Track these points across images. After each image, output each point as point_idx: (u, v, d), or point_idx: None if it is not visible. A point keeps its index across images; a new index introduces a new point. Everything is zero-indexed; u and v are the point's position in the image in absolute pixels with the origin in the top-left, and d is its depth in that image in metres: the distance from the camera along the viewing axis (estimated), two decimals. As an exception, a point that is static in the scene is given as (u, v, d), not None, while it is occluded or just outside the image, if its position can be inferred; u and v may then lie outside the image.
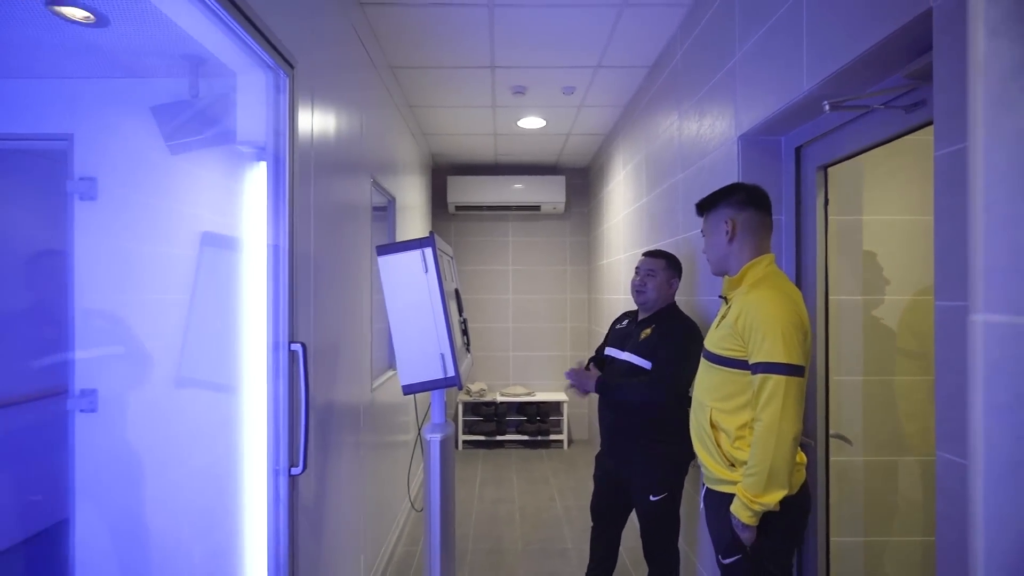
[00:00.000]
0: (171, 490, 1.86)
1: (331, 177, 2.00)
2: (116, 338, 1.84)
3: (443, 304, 1.74)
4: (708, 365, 1.47)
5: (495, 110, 3.51)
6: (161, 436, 1.84)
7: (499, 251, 5.10)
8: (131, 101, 1.76)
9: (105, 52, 1.57)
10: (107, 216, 1.81)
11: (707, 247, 1.54)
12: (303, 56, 1.66)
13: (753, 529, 1.30)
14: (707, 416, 1.43)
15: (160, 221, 1.81)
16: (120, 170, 1.80)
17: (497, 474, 4.17)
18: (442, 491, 1.98)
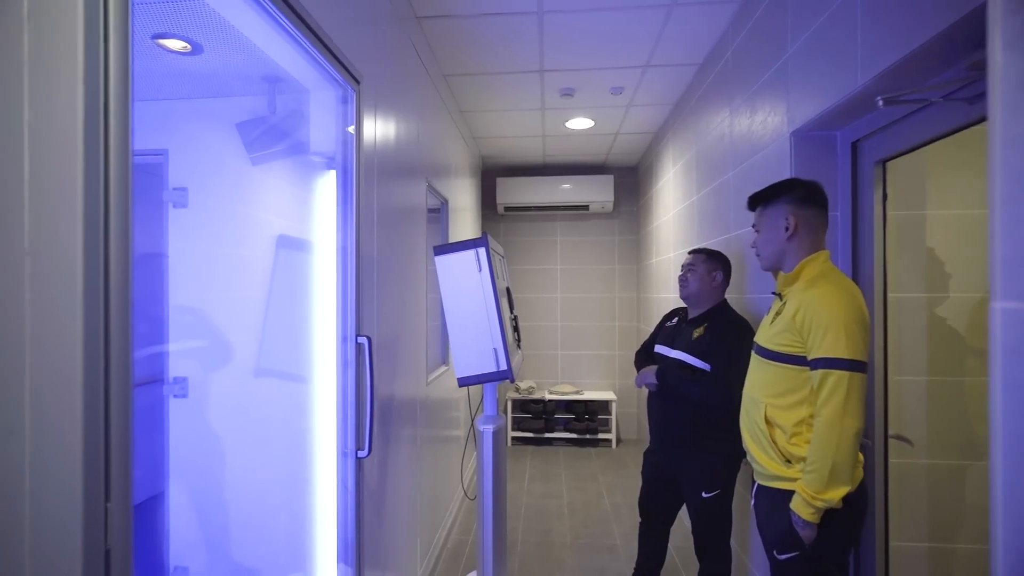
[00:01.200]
0: (250, 470, 2.05)
1: (391, 182, 2.13)
2: (202, 332, 2.05)
3: (496, 301, 1.83)
4: (761, 361, 1.47)
5: (544, 112, 3.57)
6: (242, 421, 2.03)
7: (547, 250, 5.16)
8: (217, 118, 1.96)
9: (197, 76, 1.76)
10: (196, 222, 2.01)
11: (761, 242, 1.53)
12: (367, 71, 1.79)
13: (814, 526, 1.30)
14: (761, 412, 1.43)
15: (240, 226, 2.00)
16: (207, 180, 2.00)
17: (545, 470, 4.23)
18: (495, 478, 2.07)
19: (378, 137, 1.96)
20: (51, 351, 0.64)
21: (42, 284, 0.63)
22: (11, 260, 0.60)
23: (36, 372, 0.62)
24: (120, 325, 0.75)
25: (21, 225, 0.61)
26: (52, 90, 0.64)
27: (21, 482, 0.61)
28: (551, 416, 4.93)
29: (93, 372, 0.69)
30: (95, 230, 0.70)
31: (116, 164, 0.75)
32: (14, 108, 0.60)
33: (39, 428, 0.62)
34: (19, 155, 0.61)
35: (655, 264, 4.14)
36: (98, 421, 0.70)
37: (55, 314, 0.64)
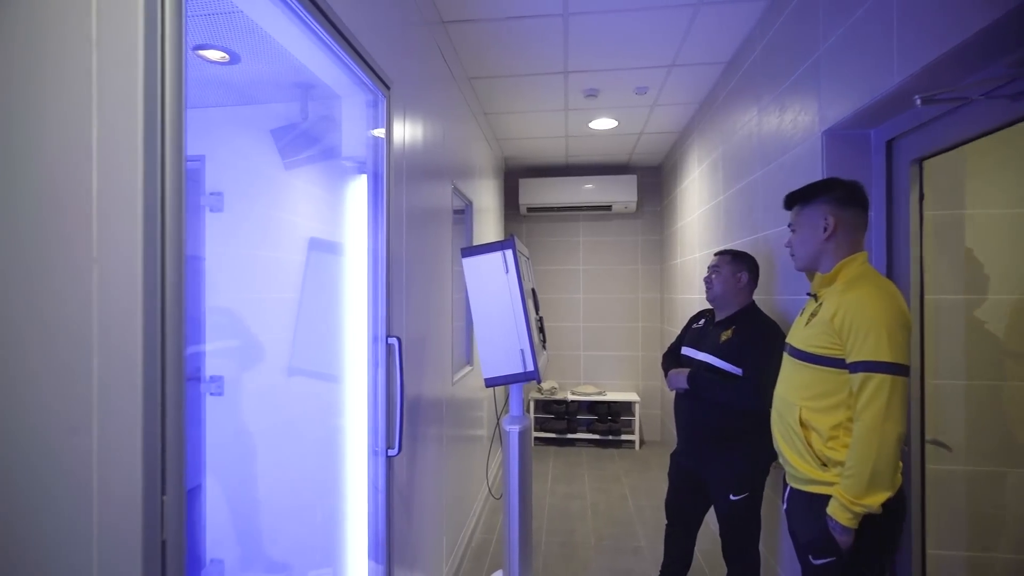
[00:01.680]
0: (282, 467, 2.10)
1: (419, 184, 2.17)
2: (236, 332, 2.11)
3: (523, 303, 1.84)
4: (796, 363, 1.45)
5: (567, 113, 3.58)
6: (275, 419, 2.08)
7: (570, 251, 5.16)
8: (252, 125, 2.02)
9: (233, 84, 1.82)
10: (230, 225, 2.07)
11: (796, 242, 1.51)
12: (396, 76, 1.82)
13: (852, 532, 1.28)
14: (796, 415, 1.41)
15: (273, 229, 2.06)
16: (241, 185, 2.06)
17: (568, 471, 4.23)
18: (520, 478, 2.08)
19: (407, 140, 2.00)
20: (114, 353, 0.67)
21: (107, 290, 0.66)
22: (80, 268, 0.64)
23: (102, 372, 0.66)
24: (174, 328, 0.79)
25: (89, 235, 0.64)
26: (117, 107, 0.68)
27: (88, 477, 0.64)
28: (573, 417, 4.93)
29: (151, 372, 0.73)
30: (153, 237, 0.73)
31: (171, 175, 0.78)
32: (84, 126, 0.64)
33: (103, 425, 0.66)
34: (88, 169, 0.64)
35: (679, 265, 4.10)
36: (155, 418, 0.74)
37: (118, 318, 0.68)
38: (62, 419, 0.62)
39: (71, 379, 0.64)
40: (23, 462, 0.59)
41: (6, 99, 0.59)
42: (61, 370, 0.63)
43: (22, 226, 0.59)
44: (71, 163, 0.64)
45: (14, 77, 0.59)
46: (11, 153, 0.59)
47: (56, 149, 0.63)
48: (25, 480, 0.60)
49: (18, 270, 0.59)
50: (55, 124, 0.63)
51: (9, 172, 0.59)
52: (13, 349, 0.59)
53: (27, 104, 0.61)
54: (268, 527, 2.15)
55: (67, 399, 0.63)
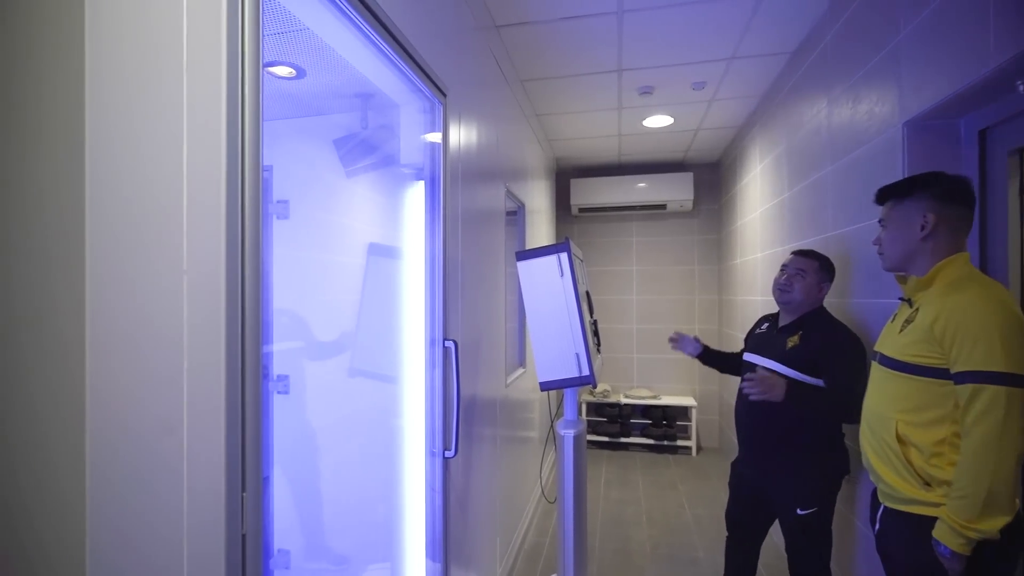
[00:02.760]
0: (343, 464, 2.18)
1: (473, 188, 2.19)
2: (299, 333, 2.21)
3: (578, 307, 1.82)
4: (889, 373, 1.34)
5: (620, 112, 3.51)
6: (337, 417, 2.17)
7: (623, 251, 5.07)
8: (315, 135, 2.11)
9: (299, 97, 1.90)
10: (295, 231, 2.17)
11: (887, 240, 1.39)
12: (452, 82, 1.85)
13: (963, 559, 1.16)
14: (891, 429, 1.30)
15: (335, 234, 2.14)
16: (306, 193, 2.16)
17: (622, 476, 4.15)
18: (575, 483, 2.06)
19: (461, 145, 2.02)
20: (202, 358, 0.72)
21: (195, 300, 0.71)
22: (173, 280, 0.68)
23: (191, 376, 0.70)
24: (253, 333, 0.83)
25: (180, 248, 0.69)
26: (204, 128, 0.72)
27: (180, 474, 0.69)
28: (627, 421, 4.83)
29: (233, 375, 0.77)
30: (234, 248, 0.78)
31: (249, 189, 0.82)
32: (176, 145, 0.69)
33: (192, 425, 0.70)
34: (179, 187, 0.69)
35: (739, 265, 3.94)
36: (236, 419, 0.78)
37: (205, 326, 0.72)
38: (161, 420, 0.67)
39: (168, 382, 0.68)
40: (126, 461, 0.64)
41: (113, 125, 0.64)
42: (159, 374, 0.67)
43: (122, 239, 0.64)
44: (165, 181, 0.68)
45: (120, 102, 0.64)
46: (113, 172, 0.64)
47: (151, 168, 0.67)
48: (126, 477, 0.64)
49: (120, 284, 0.64)
50: (152, 144, 0.67)
51: (112, 190, 0.64)
52: (117, 356, 0.64)
53: (127, 126, 0.65)
54: (331, 521, 2.23)
55: (164, 401, 0.67)
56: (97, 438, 0.61)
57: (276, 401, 2.23)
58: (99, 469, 0.62)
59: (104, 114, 0.64)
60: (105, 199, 0.63)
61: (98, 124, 0.63)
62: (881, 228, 1.41)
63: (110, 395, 0.63)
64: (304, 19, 1.35)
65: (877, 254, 1.44)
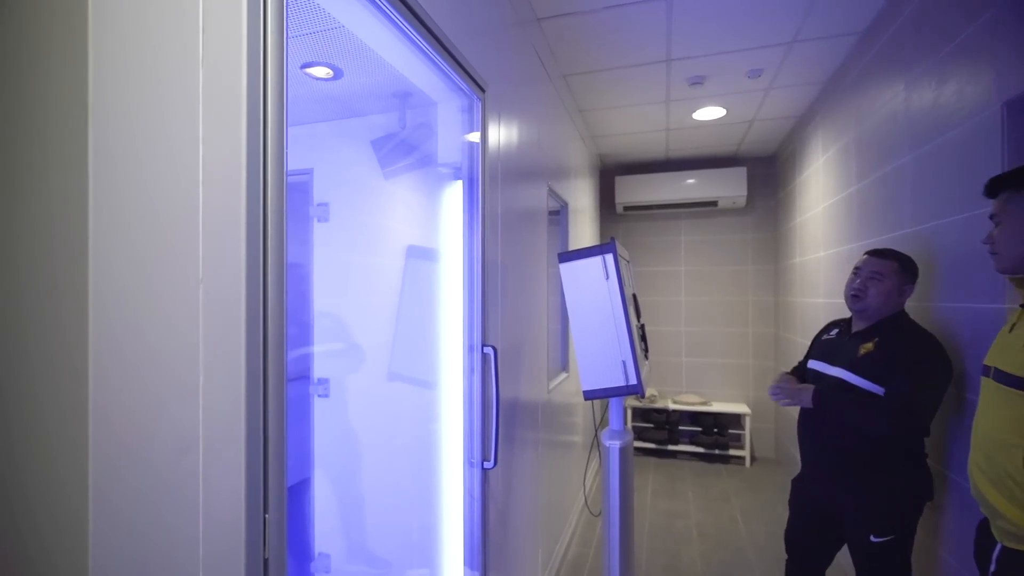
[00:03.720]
0: (382, 468, 2.16)
1: (514, 187, 2.11)
2: (340, 336, 2.20)
3: (624, 311, 1.71)
4: (1008, 392, 1.16)
5: (668, 105, 3.35)
6: (376, 421, 2.14)
7: (671, 251, 4.87)
8: (354, 137, 2.09)
9: (337, 99, 1.88)
10: (335, 234, 2.16)
11: (1004, 237, 1.21)
12: (491, 78, 1.78)
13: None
14: (1017, 459, 1.13)
15: (374, 236, 2.11)
16: (345, 195, 2.14)
17: (670, 485, 3.98)
18: (622, 498, 1.95)
19: (501, 143, 1.95)
20: (219, 372, 0.67)
21: (212, 311, 0.66)
22: (187, 290, 0.64)
23: (207, 393, 0.65)
24: (276, 348, 0.78)
25: (196, 256, 0.64)
26: (222, 127, 0.67)
27: (196, 495, 0.64)
28: (675, 427, 4.64)
29: (253, 393, 0.72)
30: (255, 257, 0.73)
31: (273, 195, 0.78)
32: (190, 150, 0.64)
33: (208, 445, 0.66)
34: (194, 192, 0.64)
35: (799, 264, 3.69)
36: (258, 438, 0.74)
37: (223, 338, 0.68)
38: (175, 440, 0.62)
39: (182, 400, 0.64)
40: (134, 485, 0.60)
41: (119, 124, 0.60)
42: (172, 391, 0.63)
43: (128, 246, 0.60)
44: (178, 185, 0.64)
45: (120, 99, 0.60)
46: (119, 176, 0.60)
47: (163, 172, 0.63)
48: (135, 502, 0.60)
49: (126, 294, 0.59)
50: (162, 145, 0.63)
51: (116, 194, 0.60)
52: (124, 372, 0.60)
53: (134, 125, 0.61)
54: (371, 523, 2.21)
55: (178, 420, 0.63)
56: (102, 460, 0.57)
57: (316, 404, 2.23)
58: (104, 493, 0.58)
59: (109, 113, 0.59)
60: (110, 203, 0.59)
61: (103, 123, 0.59)
62: (994, 224, 1.23)
63: (117, 414, 0.59)
64: (340, 18, 1.31)
65: (989, 254, 1.25)
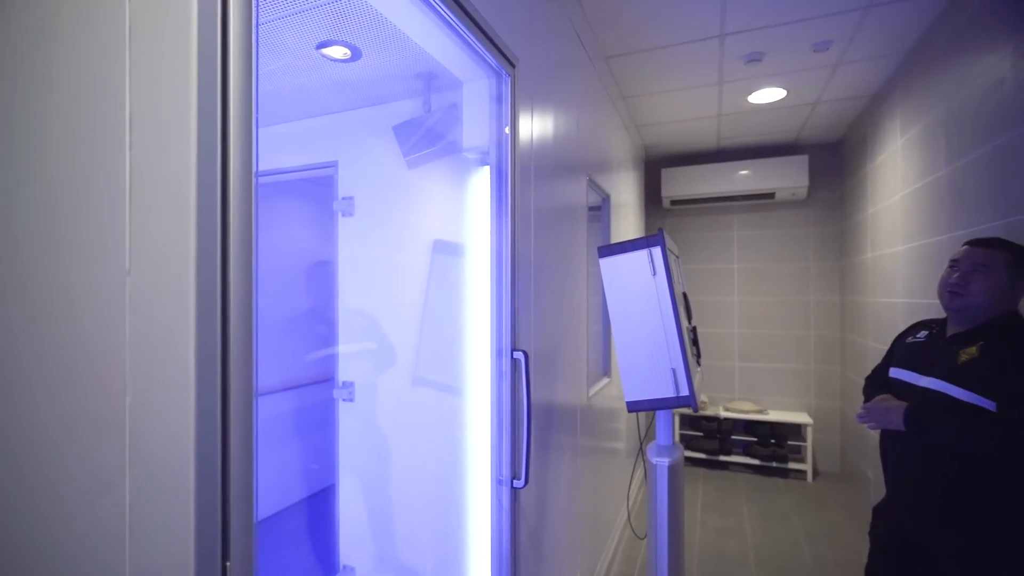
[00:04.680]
0: (407, 477, 2.02)
1: (549, 178, 1.93)
2: (365, 337, 2.08)
3: (674, 312, 1.50)
4: None
5: (721, 87, 3.07)
6: (401, 428, 2.01)
7: (722, 247, 4.54)
8: (378, 126, 1.96)
9: (357, 84, 1.76)
10: (360, 229, 2.05)
11: None
12: (523, 56, 1.60)
13: None
14: None
15: (399, 231, 1.98)
16: (370, 188, 2.02)
17: (722, 500, 3.68)
18: (671, 522, 1.73)
19: (535, 130, 1.77)
20: (155, 392, 0.53)
21: (145, 311, 0.52)
22: (108, 283, 0.49)
23: (137, 417, 0.51)
24: (241, 356, 0.63)
25: (122, 241, 0.50)
26: (156, 91, 0.53)
27: (118, 550, 0.50)
28: (726, 437, 4.32)
29: (207, 416, 0.57)
30: (209, 242, 0.58)
31: (238, 162, 0.63)
32: (112, 91, 0.50)
33: (138, 485, 0.52)
34: (120, 156, 0.50)
35: (871, 260, 3.32)
36: (212, 472, 0.59)
37: (161, 348, 0.53)
38: (87, 477, 0.48)
39: (99, 425, 0.49)
40: (33, 537, 0.46)
41: (16, 100, 0.46)
42: (86, 414, 0.49)
43: (25, 225, 0.46)
44: (94, 143, 0.49)
45: (22, 74, 0.46)
46: (18, 151, 0.46)
47: (69, 123, 0.49)
48: (41, 555, 0.46)
49: (26, 291, 0.45)
50: (69, 89, 0.49)
51: (22, 173, 0.46)
52: (20, 390, 0.46)
53: (44, 105, 0.47)
54: (399, 535, 2.09)
55: (93, 451, 0.49)
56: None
57: (341, 409, 2.13)
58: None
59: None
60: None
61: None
62: None
63: (7, 445, 0.45)
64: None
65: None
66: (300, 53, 1.54)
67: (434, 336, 1.86)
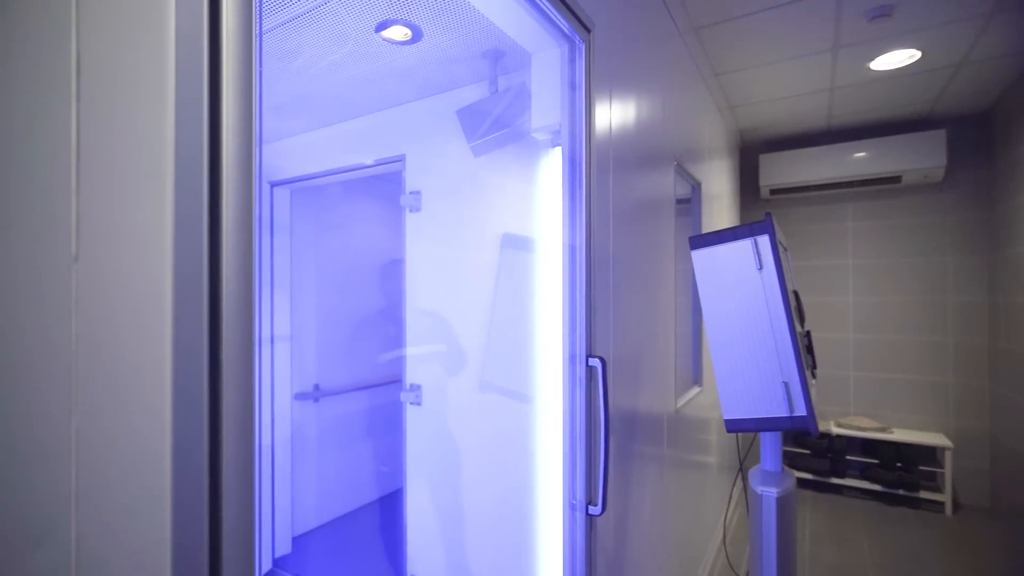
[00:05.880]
0: (476, 485, 1.89)
1: (631, 165, 1.71)
2: (433, 338, 1.98)
3: (786, 313, 1.23)
4: None
5: (836, 54, 2.65)
6: (468, 434, 1.88)
7: (833, 241, 4.00)
8: (444, 115, 1.85)
9: (420, 69, 1.65)
10: (427, 225, 1.95)
11: None
12: (600, 21, 1.41)
13: None
14: None
15: (466, 225, 1.86)
16: (437, 181, 1.91)
17: (836, 529, 3.21)
18: (780, 565, 1.45)
19: (613, 111, 1.57)
20: (112, 411, 0.42)
21: (99, 310, 0.40)
22: (48, 272, 0.38)
23: (87, 444, 0.40)
24: (239, 373, 0.51)
25: (67, 220, 0.38)
26: (109, 59, 0.42)
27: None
28: (840, 457, 3.79)
29: (189, 445, 0.46)
30: (194, 219, 0.47)
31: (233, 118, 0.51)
32: (60, 58, 0.39)
33: (91, 526, 0.40)
34: (66, 113, 0.39)
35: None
36: (199, 512, 0.47)
37: (123, 353, 0.42)
38: (20, 522, 0.37)
39: (35, 456, 0.39)
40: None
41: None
42: (12, 441, 0.38)
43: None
44: (34, 98, 0.39)
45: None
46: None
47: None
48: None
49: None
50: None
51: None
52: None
53: None
54: (467, 545, 1.97)
55: (28, 488, 0.38)
56: None
57: (409, 412, 2.05)
58: None
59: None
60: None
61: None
62: None
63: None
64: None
65: None
66: (361, 39, 1.46)
67: (502, 338, 1.72)
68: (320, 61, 1.57)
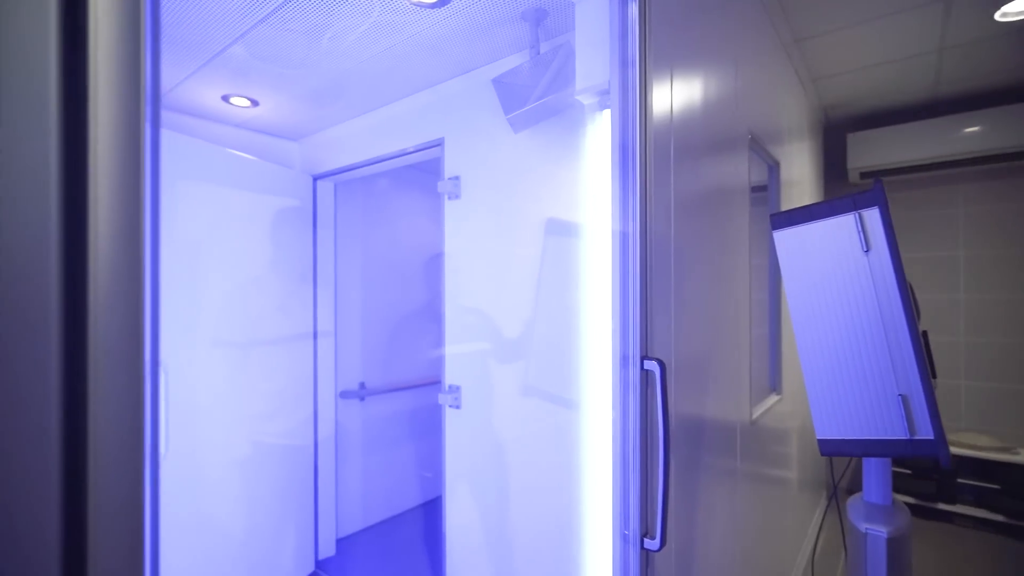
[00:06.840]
0: (518, 497, 1.72)
1: (696, 141, 1.47)
2: (478, 335, 1.82)
3: (904, 306, 0.96)
4: None
5: (949, 5, 2.24)
6: (511, 441, 1.71)
7: (940, 230, 3.48)
8: (480, 92, 1.69)
9: (452, 43, 1.49)
10: (467, 212, 1.79)
11: None
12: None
13: None
14: None
15: (507, 212, 1.68)
16: (476, 164, 1.75)
17: (945, 564, 2.75)
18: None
19: (674, 77, 1.33)
20: None
21: None
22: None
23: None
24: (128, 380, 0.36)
25: None
26: None
27: None
28: (948, 479, 3.27)
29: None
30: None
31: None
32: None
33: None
34: None
35: None
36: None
37: None
38: None
39: None
40: None
41: None
42: None
43: None
44: None
45: None
46: None
47: None
48: None
49: None
50: None
51: None
52: None
53: None
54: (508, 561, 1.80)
55: None
56: None
57: (448, 416, 1.90)
58: None
59: None
60: None
61: None
62: None
63: None
64: None
65: None
66: (387, 4, 1.32)
67: (547, 337, 1.53)
68: (349, 34, 1.46)
